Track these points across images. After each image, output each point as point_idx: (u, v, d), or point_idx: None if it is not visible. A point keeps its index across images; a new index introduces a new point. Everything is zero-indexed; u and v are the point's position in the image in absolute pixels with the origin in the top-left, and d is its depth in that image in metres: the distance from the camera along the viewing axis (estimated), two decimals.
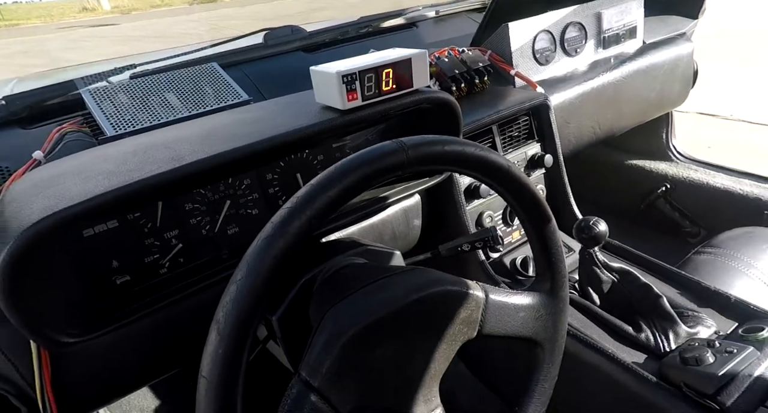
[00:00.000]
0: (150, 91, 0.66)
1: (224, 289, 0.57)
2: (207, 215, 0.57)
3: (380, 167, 0.34)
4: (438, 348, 0.44)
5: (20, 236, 0.37)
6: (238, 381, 0.31)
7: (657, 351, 0.62)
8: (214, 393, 0.30)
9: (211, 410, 0.30)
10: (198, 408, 0.31)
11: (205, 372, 0.31)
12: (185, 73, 0.70)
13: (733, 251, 0.95)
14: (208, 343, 0.32)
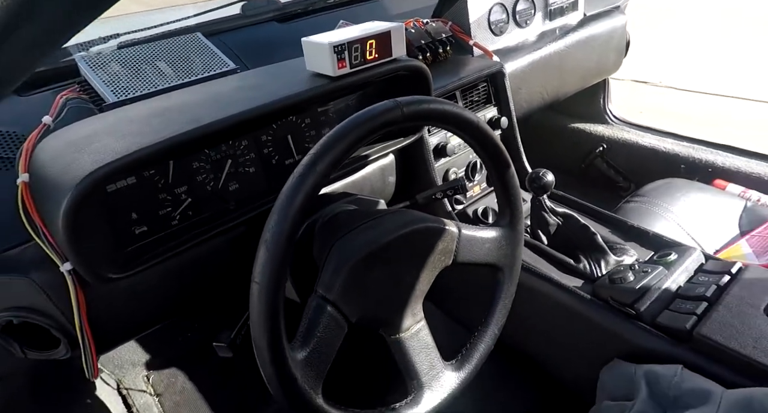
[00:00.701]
0: (141, 60, 0.69)
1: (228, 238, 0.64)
2: (211, 172, 0.63)
3: (383, 121, 0.43)
4: (421, 273, 0.54)
5: (81, 182, 0.43)
6: (281, 285, 0.40)
7: (591, 276, 0.76)
8: (265, 294, 0.39)
9: (262, 307, 0.39)
10: (251, 308, 0.40)
11: (257, 279, 0.39)
12: (171, 43, 0.73)
13: (654, 199, 1.13)
14: (258, 257, 0.40)
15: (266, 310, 0.39)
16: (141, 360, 1.09)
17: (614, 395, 0.62)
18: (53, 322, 0.55)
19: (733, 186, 1.21)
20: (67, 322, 0.55)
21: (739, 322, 0.60)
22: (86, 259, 0.48)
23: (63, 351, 0.57)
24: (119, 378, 1.05)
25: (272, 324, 0.39)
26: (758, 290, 0.64)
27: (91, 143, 0.50)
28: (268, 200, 0.68)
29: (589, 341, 0.70)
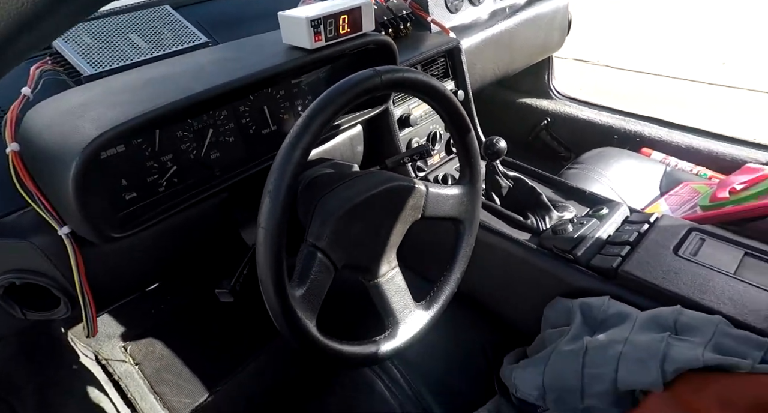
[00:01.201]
0: (112, 32, 0.70)
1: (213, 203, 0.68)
2: (194, 141, 0.66)
3: (365, 88, 0.49)
4: (395, 225, 0.62)
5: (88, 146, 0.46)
6: (284, 230, 0.46)
7: (537, 229, 0.87)
8: (270, 238, 0.45)
9: (268, 249, 0.45)
10: (258, 251, 0.46)
11: (263, 224, 0.45)
12: (141, 15, 0.74)
13: (590, 165, 1.27)
14: (263, 205, 0.45)
15: (271, 252, 0.45)
16: (116, 333, 1.11)
17: (555, 324, 0.73)
18: (54, 282, 0.58)
19: (656, 154, 1.38)
20: (66, 282, 0.58)
21: (653, 260, 0.73)
22: (93, 220, 0.51)
23: (63, 310, 0.60)
24: (96, 350, 1.07)
25: (276, 264, 0.46)
26: (669, 234, 0.78)
27: (87, 112, 0.52)
28: (248, 167, 0.72)
29: (536, 284, 0.82)
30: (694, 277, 0.68)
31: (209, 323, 1.16)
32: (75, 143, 0.49)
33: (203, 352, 1.10)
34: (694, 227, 0.79)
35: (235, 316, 1.19)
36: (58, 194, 0.53)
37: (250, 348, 1.09)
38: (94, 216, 0.52)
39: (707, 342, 0.57)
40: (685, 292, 0.66)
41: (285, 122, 0.77)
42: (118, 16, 0.74)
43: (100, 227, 0.53)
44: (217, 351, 1.10)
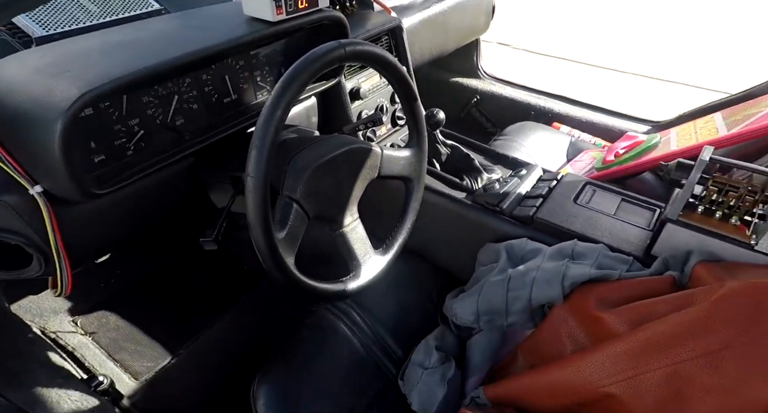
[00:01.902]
0: None
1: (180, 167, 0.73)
2: (159, 107, 0.70)
3: (331, 57, 0.57)
4: (356, 182, 0.72)
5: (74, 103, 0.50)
6: (268, 178, 0.53)
7: (471, 189, 1.02)
8: (258, 185, 0.52)
9: (256, 195, 0.52)
10: (247, 197, 0.53)
11: (252, 173, 0.52)
12: None
13: (512, 137, 1.45)
14: (251, 157, 0.52)
15: (259, 197, 0.53)
16: (63, 308, 1.09)
17: (486, 264, 0.89)
18: (28, 240, 0.60)
19: (564, 127, 1.60)
20: (40, 241, 0.60)
21: (559, 208, 0.90)
22: (77, 177, 0.54)
23: (36, 268, 0.62)
24: (42, 326, 1.05)
25: (264, 208, 0.53)
26: (571, 188, 0.96)
27: (60, 73, 0.54)
28: (213, 133, 0.77)
29: (470, 234, 0.96)
30: (587, 219, 0.87)
31: (164, 294, 1.19)
32: (56, 102, 0.52)
33: (160, 321, 1.12)
34: (589, 182, 0.98)
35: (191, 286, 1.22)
36: (35, 153, 0.56)
37: (209, 314, 1.13)
38: (78, 173, 0.55)
39: (593, 263, 0.74)
40: (580, 230, 0.84)
41: (244, 91, 0.83)
42: None
43: (84, 184, 0.56)
44: (175, 320, 1.13)
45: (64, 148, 0.52)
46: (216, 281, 1.24)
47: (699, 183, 0.75)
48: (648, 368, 0.59)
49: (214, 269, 1.26)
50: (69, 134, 0.52)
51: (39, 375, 0.77)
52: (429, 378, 0.81)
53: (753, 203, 0.71)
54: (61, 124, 0.50)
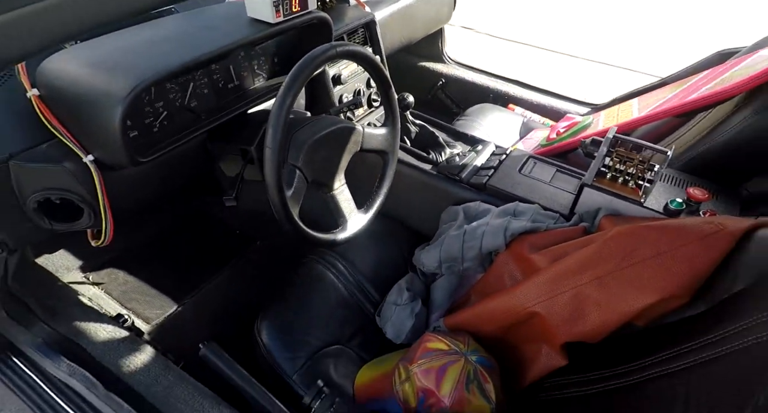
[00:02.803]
0: None
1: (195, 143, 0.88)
2: (179, 92, 0.84)
3: (326, 56, 0.73)
4: (343, 154, 0.89)
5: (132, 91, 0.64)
6: (282, 149, 0.70)
7: (436, 161, 1.21)
8: (273, 153, 0.69)
9: (271, 163, 0.69)
10: (265, 164, 0.69)
11: (270, 145, 0.69)
12: None
13: (472, 117, 1.65)
14: (268, 132, 0.69)
15: (275, 164, 0.70)
16: (75, 265, 1.23)
17: (447, 222, 1.09)
18: (81, 198, 0.74)
19: (518, 109, 1.81)
20: (91, 199, 0.75)
21: (506, 177, 1.11)
22: (127, 148, 0.69)
23: (87, 220, 0.77)
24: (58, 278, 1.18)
25: (278, 172, 0.70)
26: (517, 161, 1.16)
27: (115, 66, 0.69)
28: (220, 115, 0.91)
29: (435, 199, 1.16)
30: (528, 185, 1.08)
31: (165, 254, 1.34)
32: (116, 91, 0.66)
33: (164, 276, 1.27)
34: (532, 156, 1.19)
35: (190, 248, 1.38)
36: (94, 131, 0.70)
37: (207, 271, 1.29)
38: (128, 146, 0.70)
39: (529, 219, 0.96)
40: (521, 194, 1.05)
41: (244, 78, 0.97)
42: None
43: (131, 154, 0.71)
44: (177, 276, 1.29)
45: (122, 127, 0.66)
46: (211, 245, 1.39)
47: (607, 156, 0.97)
48: (560, 291, 0.81)
49: (210, 235, 1.42)
50: (126, 117, 0.66)
51: (75, 312, 0.92)
52: (401, 312, 1.02)
53: (643, 171, 0.93)
54: (121, 109, 0.65)
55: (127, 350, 0.86)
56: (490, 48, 3.07)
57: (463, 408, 0.80)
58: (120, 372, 0.82)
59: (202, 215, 1.47)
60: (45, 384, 0.81)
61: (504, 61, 2.86)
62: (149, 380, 0.82)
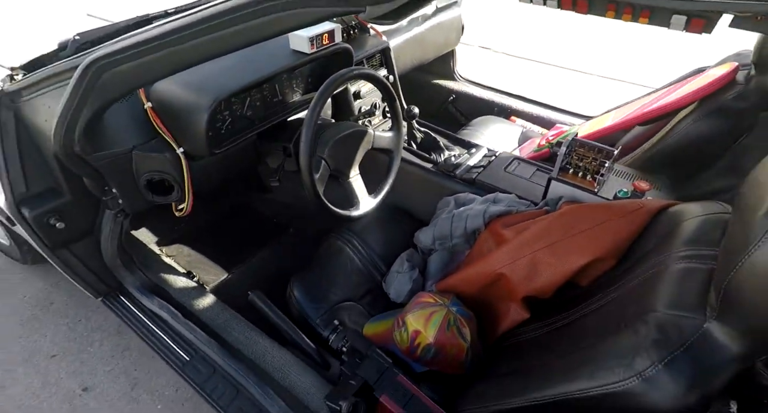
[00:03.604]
0: None
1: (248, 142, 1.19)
2: (239, 104, 1.15)
3: (346, 77, 1.02)
4: (358, 150, 1.17)
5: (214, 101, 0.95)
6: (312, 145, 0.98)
7: (436, 161, 1.47)
8: (306, 148, 0.97)
9: (305, 154, 0.97)
10: (301, 155, 0.98)
11: (303, 141, 0.97)
12: None
13: (476, 127, 1.90)
14: (303, 132, 0.97)
15: (308, 155, 0.98)
16: (152, 240, 1.55)
17: (441, 208, 1.35)
18: (173, 178, 1.05)
19: (519, 120, 2.05)
20: (180, 179, 1.06)
21: (493, 174, 1.36)
22: (207, 143, 1.00)
23: (176, 195, 1.08)
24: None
25: (310, 161, 0.99)
26: (503, 161, 1.41)
27: (200, 88, 1.00)
28: (267, 121, 1.21)
29: (433, 192, 1.41)
30: (510, 180, 1.33)
31: (218, 235, 1.65)
32: (203, 104, 0.97)
33: (217, 252, 1.58)
34: (517, 157, 1.43)
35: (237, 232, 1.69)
36: (185, 130, 1.01)
37: (250, 250, 1.59)
38: (208, 141, 1.01)
39: (505, 205, 1.20)
40: (503, 187, 1.30)
41: (286, 94, 1.27)
42: None
43: (210, 147, 1.02)
44: (226, 252, 1.59)
45: (207, 128, 0.97)
46: (254, 230, 1.70)
47: (568, 155, 1.21)
48: (520, 255, 1.05)
49: (253, 222, 1.73)
50: (209, 121, 0.97)
51: (161, 267, 1.23)
52: (401, 278, 1.28)
53: (598, 166, 1.17)
54: (206, 116, 0.95)
55: (197, 294, 1.16)
56: (505, 65, 3.33)
57: (444, 346, 1.05)
58: (192, 309, 1.12)
59: (248, 207, 1.78)
60: (143, 314, 1.12)
61: (515, 77, 3.10)
62: (213, 315, 1.11)
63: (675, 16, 0.74)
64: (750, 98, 1.09)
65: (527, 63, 3.38)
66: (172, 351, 1.10)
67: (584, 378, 0.69)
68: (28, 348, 1.47)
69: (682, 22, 0.74)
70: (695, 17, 0.73)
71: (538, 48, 3.52)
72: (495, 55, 3.47)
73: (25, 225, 1.07)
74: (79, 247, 1.16)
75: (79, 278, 1.18)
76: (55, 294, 1.64)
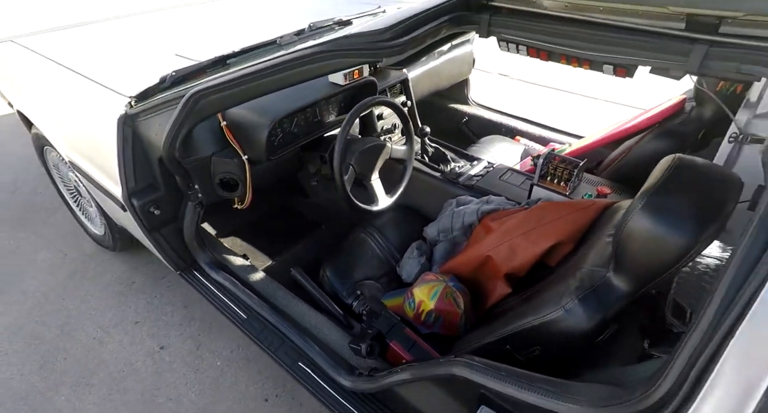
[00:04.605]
0: None
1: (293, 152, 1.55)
2: (288, 122, 1.51)
3: (369, 104, 1.37)
4: (378, 158, 1.51)
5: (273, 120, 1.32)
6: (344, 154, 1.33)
7: (443, 171, 1.79)
8: (339, 156, 1.32)
9: (338, 161, 1.32)
10: (334, 162, 1.32)
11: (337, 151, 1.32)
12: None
13: (483, 145, 2.21)
14: (337, 144, 1.32)
15: (340, 161, 1.32)
16: (212, 233, 1.93)
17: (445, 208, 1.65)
18: (239, 178, 1.41)
19: (522, 140, 2.34)
20: (243, 179, 1.42)
21: (490, 181, 1.66)
22: (266, 152, 1.36)
23: (240, 191, 1.44)
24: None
25: (341, 167, 1.33)
26: (499, 171, 1.71)
27: (263, 112, 1.37)
28: (309, 136, 1.58)
29: (440, 195, 1.72)
30: (503, 187, 1.63)
31: (264, 230, 2.01)
32: (263, 122, 1.33)
33: (263, 243, 1.94)
34: (510, 169, 1.73)
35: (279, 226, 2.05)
36: (250, 142, 1.38)
37: (289, 242, 1.94)
38: (266, 151, 1.37)
39: (496, 205, 1.50)
40: (495, 191, 1.60)
41: (323, 115, 1.63)
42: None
43: (267, 155, 1.38)
44: (270, 243, 1.95)
45: (266, 141, 1.33)
46: (293, 226, 2.05)
47: (545, 165, 1.50)
48: (502, 241, 1.34)
49: (292, 220, 2.08)
50: (271, 135, 1.33)
51: (222, 249, 1.59)
52: (411, 262, 1.58)
53: (569, 174, 1.45)
54: (267, 132, 1.32)
55: (251, 270, 1.51)
56: (520, 91, 3.64)
57: (442, 311, 1.34)
58: (248, 280, 1.46)
59: (289, 208, 2.14)
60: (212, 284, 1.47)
61: (527, 100, 3.40)
62: (263, 285, 1.46)
63: (605, 66, 1.07)
64: (691, 125, 1.36)
65: (539, 88, 3.67)
66: (233, 311, 1.44)
67: (531, 314, 0.98)
68: (118, 316, 1.86)
69: (611, 69, 1.07)
70: (619, 67, 1.06)
71: (552, 76, 3.82)
72: (512, 82, 3.79)
73: (133, 212, 1.45)
74: (166, 231, 1.54)
75: (165, 254, 1.55)
76: (135, 276, 2.04)
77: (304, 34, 1.62)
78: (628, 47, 0.99)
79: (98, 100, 1.50)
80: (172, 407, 1.53)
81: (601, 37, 1.03)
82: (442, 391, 1.02)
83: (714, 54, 0.90)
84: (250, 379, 1.62)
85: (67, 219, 2.30)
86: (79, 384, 1.60)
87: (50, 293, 1.95)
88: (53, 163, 2.10)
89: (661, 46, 0.95)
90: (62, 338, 1.76)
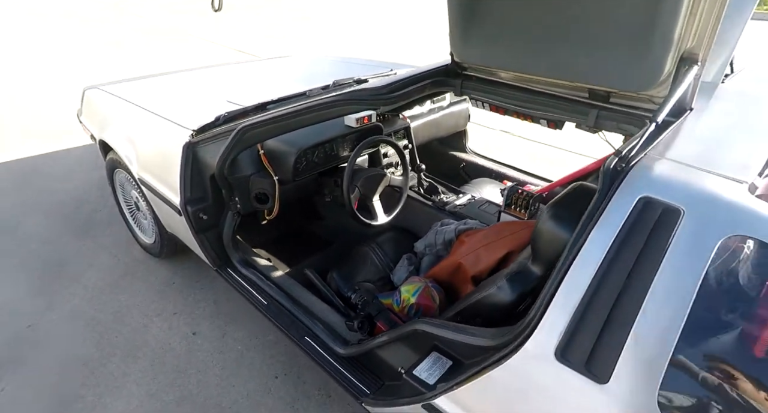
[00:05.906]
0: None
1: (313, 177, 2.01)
2: (310, 153, 1.95)
3: (374, 142, 1.81)
4: (380, 184, 1.93)
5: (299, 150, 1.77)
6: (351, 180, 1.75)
7: (434, 200, 2.18)
8: (347, 181, 1.74)
9: (347, 185, 1.74)
10: (344, 185, 1.74)
11: (346, 177, 1.74)
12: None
13: (473, 185, 2.62)
14: (346, 173, 1.75)
15: (348, 185, 1.74)
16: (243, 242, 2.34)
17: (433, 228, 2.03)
18: (270, 193, 1.84)
19: (508, 183, 2.73)
20: (273, 194, 1.85)
21: (471, 209, 2.05)
22: (294, 174, 1.80)
23: (270, 204, 1.86)
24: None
25: (350, 189, 1.74)
26: (479, 202, 2.10)
27: (297, 142, 1.83)
28: (326, 165, 2.01)
29: (430, 220, 2.10)
30: (479, 214, 2.01)
31: (286, 244, 2.42)
32: (294, 151, 1.79)
33: (284, 255, 2.33)
34: (488, 201, 2.12)
35: (298, 242, 2.45)
36: (281, 166, 1.82)
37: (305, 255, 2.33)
38: (292, 173, 1.81)
39: (471, 226, 1.87)
40: (473, 216, 1.97)
41: (339, 149, 2.07)
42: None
43: (294, 176, 1.81)
44: (289, 255, 2.34)
45: (294, 165, 1.77)
46: (307, 243, 2.45)
47: (508, 197, 1.88)
48: (470, 251, 1.71)
49: (306, 238, 2.48)
50: (297, 162, 1.77)
51: (251, 252, 1.99)
52: (402, 269, 1.94)
53: (527, 203, 1.83)
54: (293, 159, 1.76)
55: (273, 270, 1.90)
56: (518, 145, 4.08)
57: (421, 305, 1.69)
58: (271, 277, 1.85)
59: (305, 229, 2.56)
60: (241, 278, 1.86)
61: (523, 153, 3.83)
62: (282, 281, 1.84)
63: (541, 120, 1.51)
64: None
65: (535, 144, 4.12)
66: (257, 300, 1.81)
67: (477, 293, 1.33)
68: (160, 307, 2.25)
69: (545, 123, 1.50)
70: (550, 121, 1.50)
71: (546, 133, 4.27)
72: (512, 138, 4.26)
73: (187, 216, 1.88)
74: (209, 234, 1.96)
75: (206, 252, 1.95)
76: (175, 278, 2.44)
77: (329, 89, 2.12)
78: (553, 107, 1.42)
79: (168, 132, 1.99)
80: (200, 377, 1.87)
81: (538, 100, 1.47)
82: (407, 346, 1.35)
83: (603, 115, 1.33)
84: (264, 361, 1.94)
85: (122, 231, 2.76)
86: (128, 356, 1.97)
87: (106, 287, 2.37)
88: (120, 183, 2.59)
89: (572, 108, 1.38)
90: (115, 322, 2.15)
